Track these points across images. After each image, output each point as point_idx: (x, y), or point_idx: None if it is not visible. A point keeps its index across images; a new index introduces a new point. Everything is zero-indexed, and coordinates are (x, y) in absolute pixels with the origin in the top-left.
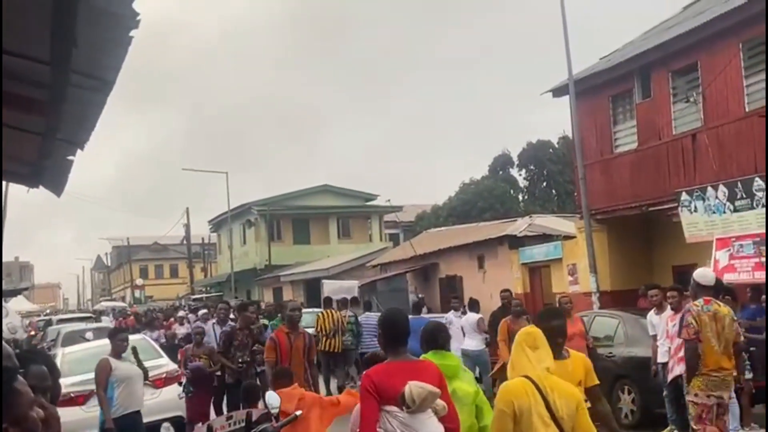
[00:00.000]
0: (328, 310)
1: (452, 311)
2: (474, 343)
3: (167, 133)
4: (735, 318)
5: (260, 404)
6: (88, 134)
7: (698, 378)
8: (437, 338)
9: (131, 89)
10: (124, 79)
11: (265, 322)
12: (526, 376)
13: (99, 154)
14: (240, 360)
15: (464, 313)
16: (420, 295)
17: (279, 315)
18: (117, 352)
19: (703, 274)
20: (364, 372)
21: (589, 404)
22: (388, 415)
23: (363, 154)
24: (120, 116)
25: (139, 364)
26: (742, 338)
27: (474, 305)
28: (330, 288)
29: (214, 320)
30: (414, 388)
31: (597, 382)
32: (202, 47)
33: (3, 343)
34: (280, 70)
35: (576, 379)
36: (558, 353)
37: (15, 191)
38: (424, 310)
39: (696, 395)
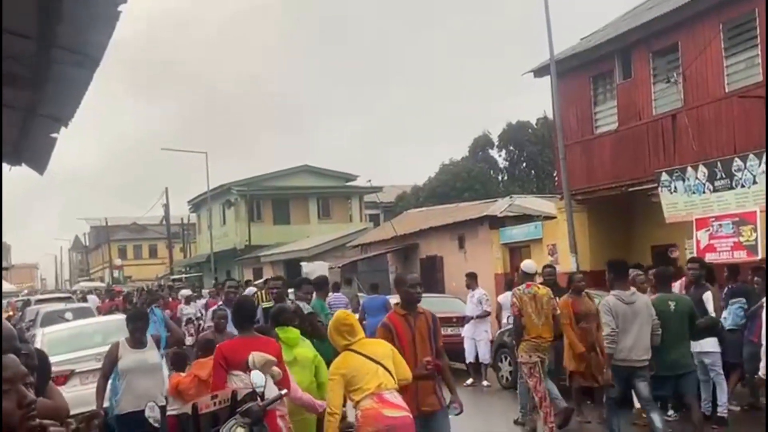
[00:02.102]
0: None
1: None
2: None
3: (155, 116)
4: (552, 297)
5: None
6: (72, 111)
7: (523, 344)
8: (279, 318)
9: (121, 71)
10: (113, 60)
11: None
12: (348, 349)
13: (81, 135)
14: None
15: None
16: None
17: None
18: (132, 341)
19: (528, 265)
20: (217, 346)
21: None
22: (235, 377)
23: (346, 139)
24: (105, 97)
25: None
26: (558, 312)
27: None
28: (307, 269)
29: (220, 301)
30: (256, 356)
31: None
32: (198, 33)
33: (7, 323)
34: (271, 58)
35: None
36: None
37: None
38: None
39: (522, 356)
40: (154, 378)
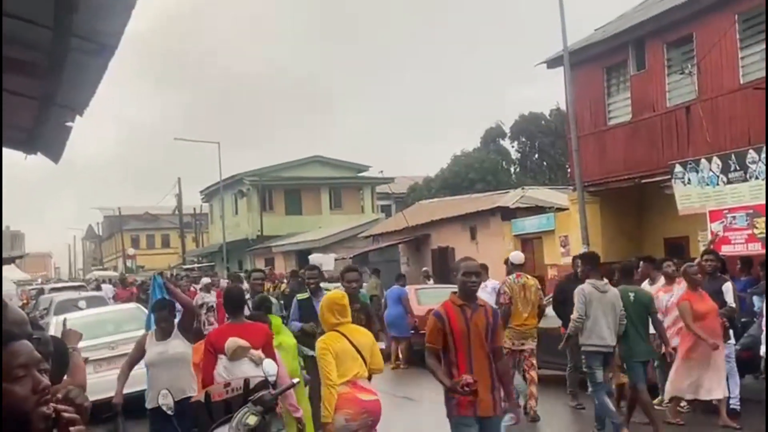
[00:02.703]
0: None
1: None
2: None
3: (168, 105)
4: (539, 287)
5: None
6: (87, 100)
7: (507, 331)
8: (262, 305)
9: (135, 60)
10: (127, 49)
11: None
12: (336, 330)
13: (96, 124)
14: None
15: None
16: (425, 268)
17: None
18: (159, 332)
19: (516, 256)
20: (207, 333)
21: None
22: (219, 361)
23: (358, 130)
24: (119, 86)
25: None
26: (544, 302)
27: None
28: (315, 261)
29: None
30: (229, 342)
31: None
32: (212, 23)
33: (19, 309)
34: (286, 49)
35: None
36: None
37: (10, 158)
38: (431, 281)
39: (505, 342)
40: (178, 369)
